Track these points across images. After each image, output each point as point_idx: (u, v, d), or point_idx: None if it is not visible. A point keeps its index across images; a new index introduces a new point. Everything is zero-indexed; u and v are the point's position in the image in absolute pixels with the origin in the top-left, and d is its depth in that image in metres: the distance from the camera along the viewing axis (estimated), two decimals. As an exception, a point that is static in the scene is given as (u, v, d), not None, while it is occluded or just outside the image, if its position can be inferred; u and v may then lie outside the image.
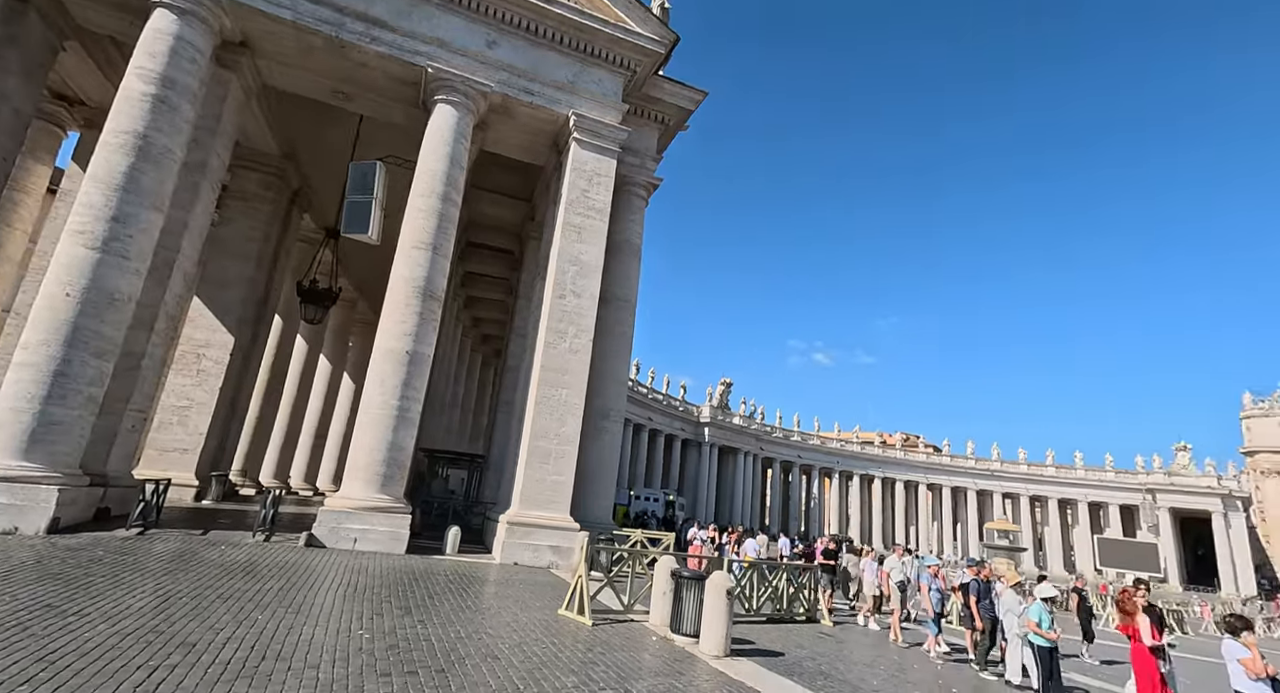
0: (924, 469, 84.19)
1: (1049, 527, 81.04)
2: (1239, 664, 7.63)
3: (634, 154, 20.60)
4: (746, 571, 14.27)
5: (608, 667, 7.63)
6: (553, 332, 16.99)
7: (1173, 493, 74.43)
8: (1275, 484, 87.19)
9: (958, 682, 11.06)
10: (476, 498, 24.36)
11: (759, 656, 9.82)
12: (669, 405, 67.57)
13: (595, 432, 18.85)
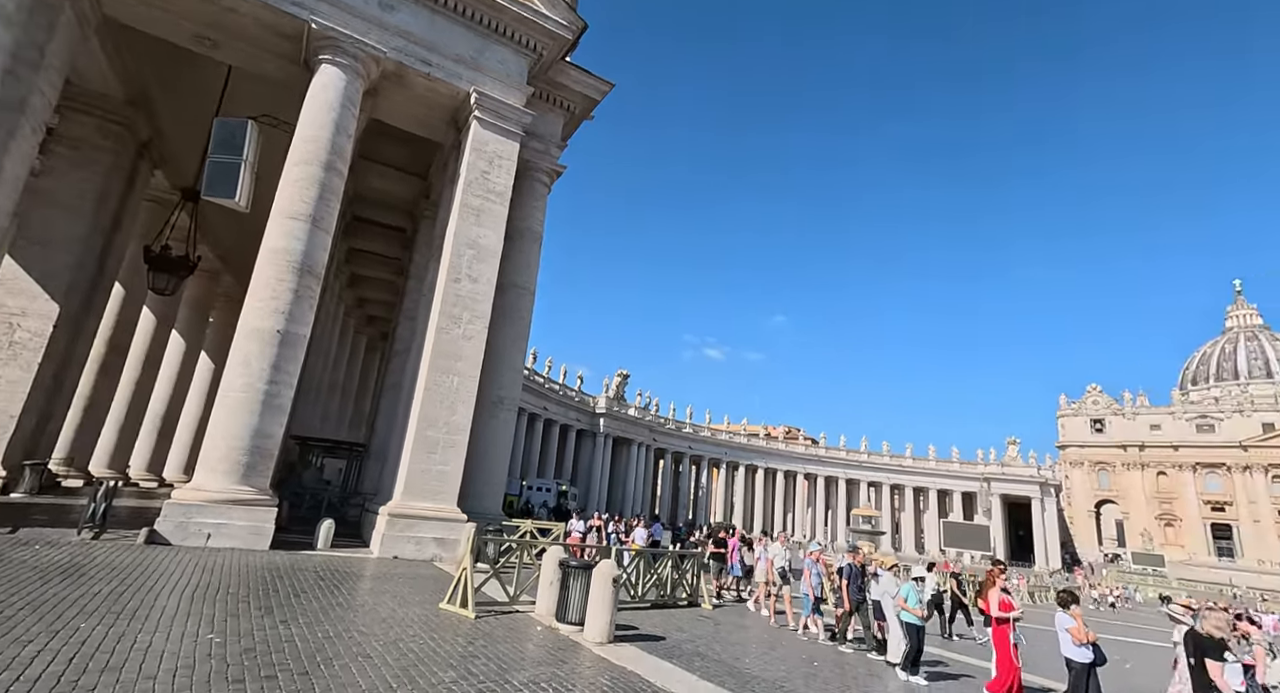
0: (803, 460, 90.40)
1: (904, 512, 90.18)
2: (1067, 633, 9.00)
3: (538, 139, 20.19)
4: (634, 558, 14.60)
5: (489, 659, 7.52)
6: (446, 316, 16.31)
7: (1003, 481, 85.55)
8: (1080, 474, 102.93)
9: (821, 656, 12.04)
10: (355, 489, 22.92)
11: (641, 640, 10.12)
12: (565, 396, 67.29)
13: (488, 421, 18.39)
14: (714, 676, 8.72)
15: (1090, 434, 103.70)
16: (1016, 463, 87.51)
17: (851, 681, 10.28)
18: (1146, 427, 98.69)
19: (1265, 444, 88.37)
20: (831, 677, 10.32)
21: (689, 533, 25.33)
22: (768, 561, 15.93)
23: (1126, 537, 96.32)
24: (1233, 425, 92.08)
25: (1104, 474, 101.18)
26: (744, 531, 66.98)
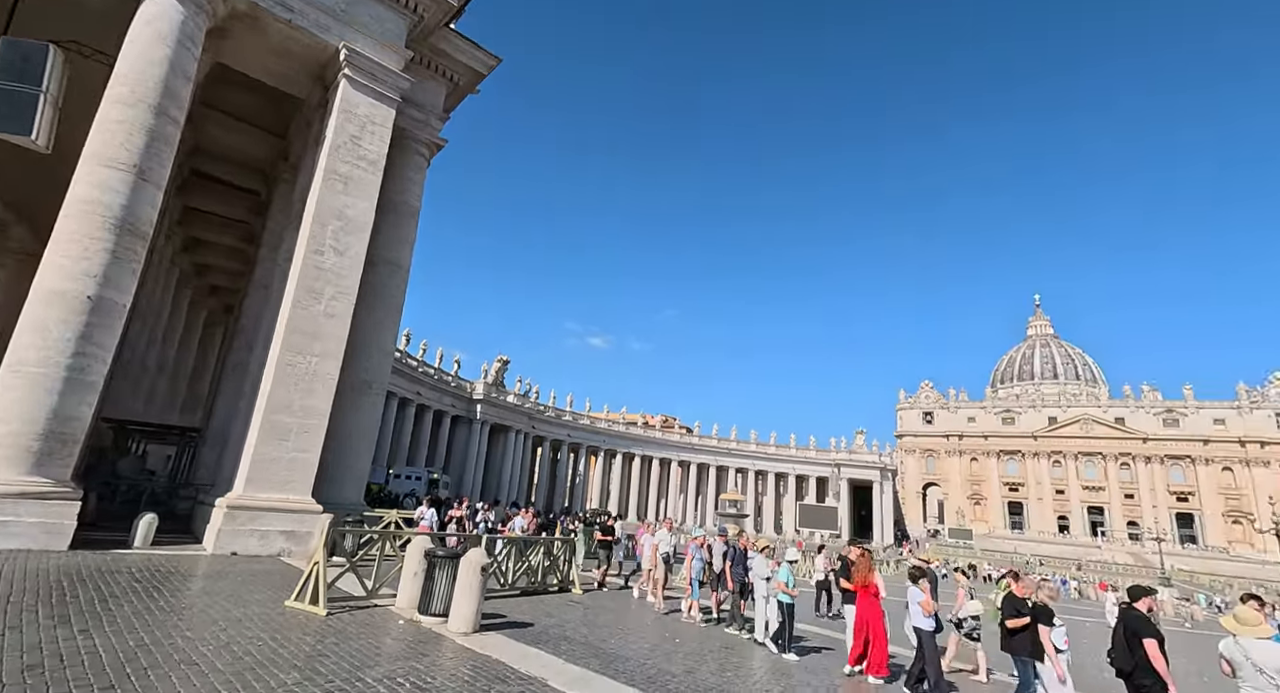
0: (678, 448, 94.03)
1: (766, 496, 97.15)
2: (917, 605, 10.17)
3: (417, 108, 18.98)
4: (505, 546, 14.41)
5: (341, 657, 7.08)
6: (305, 290, 14.89)
7: (851, 467, 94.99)
8: (912, 460, 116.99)
9: (689, 635, 12.66)
10: (186, 479, 20.34)
11: (508, 628, 10.04)
12: (440, 380, 64.32)
13: (352, 405, 17.13)
14: (579, 658, 8.89)
15: (922, 425, 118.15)
16: (862, 451, 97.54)
17: (709, 654, 10.95)
18: (965, 419, 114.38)
19: (1050, 434, 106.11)
20: (691, 652, 10.92)
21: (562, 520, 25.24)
22: (652, 547, 16.01)
23: (946, 514, 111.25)
24: (1028, 419, 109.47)
25: (931, 460, 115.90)
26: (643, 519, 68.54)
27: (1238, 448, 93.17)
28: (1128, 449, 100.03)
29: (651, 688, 7.83)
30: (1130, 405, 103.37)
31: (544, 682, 7.27)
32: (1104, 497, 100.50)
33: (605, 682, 7.73)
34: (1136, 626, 7.56)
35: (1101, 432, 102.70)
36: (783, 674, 10.08)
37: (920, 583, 10.23)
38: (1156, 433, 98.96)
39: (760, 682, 9.35)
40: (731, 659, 10.63)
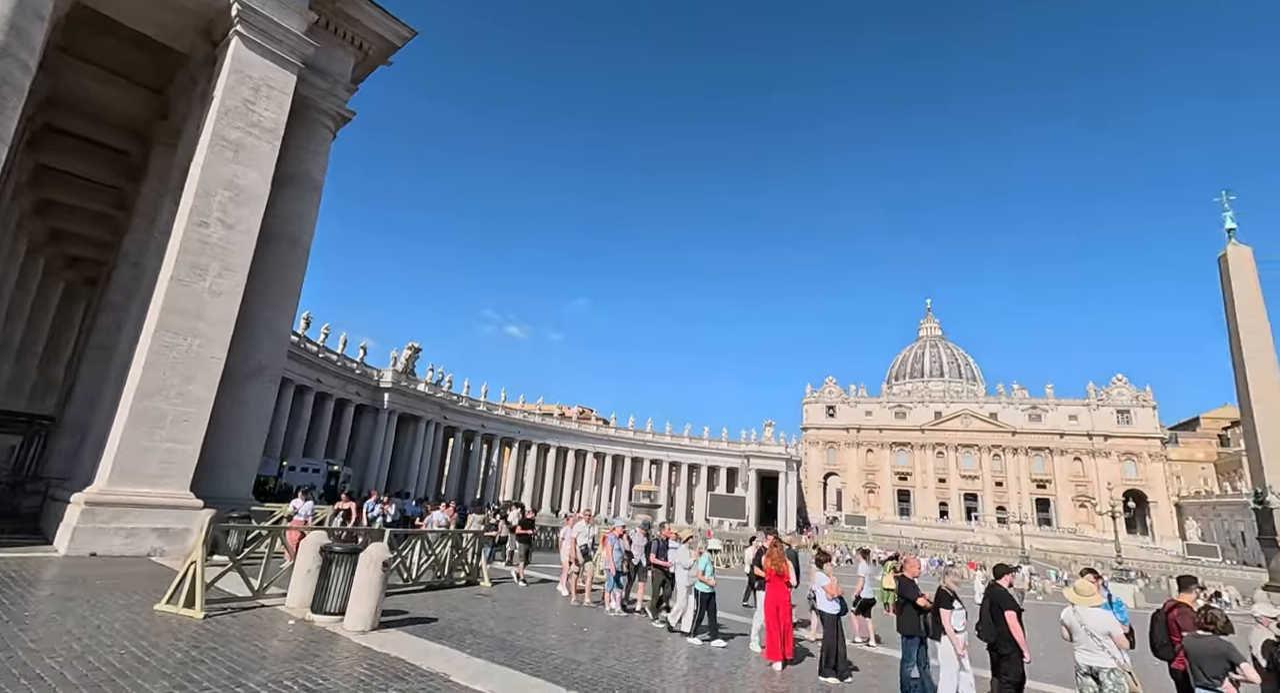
0: (594, 440, 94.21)
1: (679, 486, 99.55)
2: (823, 589, 10.72)
3: (322, 76, 17.70)
4: (408, 540, 13.90)
5: (219, 662, 6.59)
6: (188, 266, 13.55)
7: (760, 458, 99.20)
8: (815, 451, 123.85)
9: (602, 625, 12.73)
10: (34, 472, 18.03)
11: (410, 624, 9.73)
12: (344, 367, 60.66)
13: (240, 392, 15.83)
14: (484, 651, 8.77)
15: (825, 419, 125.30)
16: (771, 443, 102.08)
17: (619, 643, 11.12)
18: (863, 413, 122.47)
19: (935, 428, 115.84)
20: (600, 641, 11.06)
21: (496, 511, 24.01)
22: (571, 539, 15.77)
23: (844, 502, 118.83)
24: (917, 414, 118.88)
25: (832, 451, 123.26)
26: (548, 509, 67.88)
27: (1086, 441, 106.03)
28: (999, 442, 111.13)
29: (557, 678, 7.87)
30: (1003, 402, 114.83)
31: (446, 677, 7.13)
32: (978, 485, 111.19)
33: (509, 674, 7.69)
34: (999, 599, 8.47)
35: (979, 426, 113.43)
36: (691, 660, 10.41)
37: (825, 568, 10.90)
38: (1023, 427, 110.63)
39: (666, 667, 9.64)
40: (639, 647, 10.86)
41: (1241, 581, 53.02)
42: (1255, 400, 37.91)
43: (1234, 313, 39.19)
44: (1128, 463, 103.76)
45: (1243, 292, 38.95)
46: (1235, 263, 39.54)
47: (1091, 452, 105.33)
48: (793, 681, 9.69)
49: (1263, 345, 38.18)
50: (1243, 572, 61.82)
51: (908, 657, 9.19)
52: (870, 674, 10.79)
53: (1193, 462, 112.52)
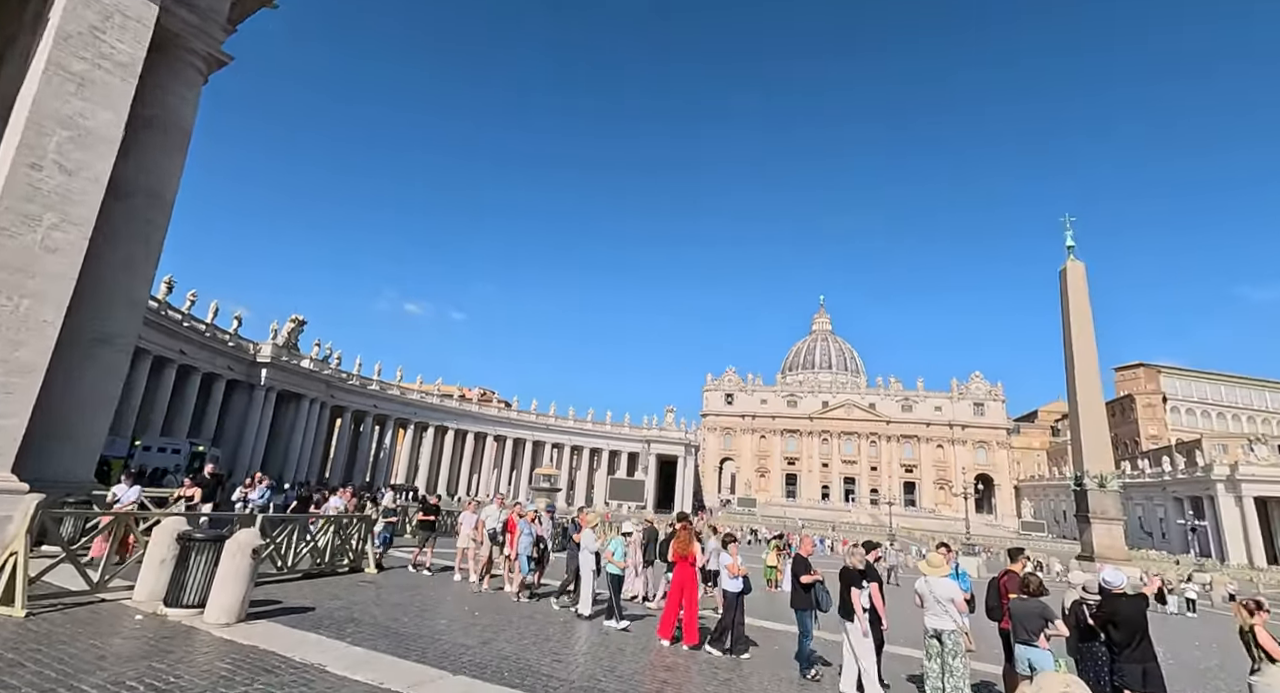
0: (495, 422, 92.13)
1: (580, 470, 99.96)
2: (726, 569, 11.15)
3: (191, 9, 15.70)
4: (282, 526, 12.97)
5: (45, 664, 5.85)
6: (16, 215, 11.58)
7: (660, 443, 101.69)
8: (713, 437, 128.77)
9: (500, 610, 12.55)
10: None
11: (283, 615, 9.12)
12: (214, 338, 54.88)
13: (83, 362, 13.92)
14: (366, 639, 8.42)
15: (724, 406, 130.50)
16: (671, 428, 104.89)
17: (509, 625, 11.06)
18: (759, 401, 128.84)
19: (822, 416, 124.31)
20: (491, 624, 10.94)
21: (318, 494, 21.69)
22: (479, 522, 15.28)
23: (737, 486, 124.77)
24: (807, 403, 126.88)
25: (729, 437, 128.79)
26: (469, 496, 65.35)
27: (947, 430, 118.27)
28: (876, 430, 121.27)
29: (444, 663, 7.72)
30: (881, 394, 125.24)
31: (321, 668, 6.78)
32: (857, 469, 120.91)
33: (393, 661, 7.44)
34: (852, 577, 9.32)
35: (860, 415, 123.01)
36: (586, 640, 10.57)
37: (730, 548, 11.41)
38: (897, 417, 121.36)
39: (560, 648, 9.72)
40: (533, 629, 10.87)
41: (1062, 552, 61.72)
42: (1080, 397, 44.04)
43: (1068, 320, 45.12)
44: (980, 450, 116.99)
45: (1076, 302, 44.90)
46: (1072, 276, 45.44)
47: (951, 440, 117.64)
48: (682, 656, 10.12)
49: (1088, 349, 44.31)
50: (1064, 544, 72.04)
51: (805, 631, 9.74)
52: (775, 648, 11.46)
53: (1030, 449, 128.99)
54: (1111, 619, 7.66)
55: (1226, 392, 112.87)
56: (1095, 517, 41.28)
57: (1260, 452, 74.29)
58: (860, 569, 9.36)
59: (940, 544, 11.76)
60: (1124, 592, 7.90)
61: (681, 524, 12.13)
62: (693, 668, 9.42)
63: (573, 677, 7.96)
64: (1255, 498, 71.15)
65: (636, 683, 8.11)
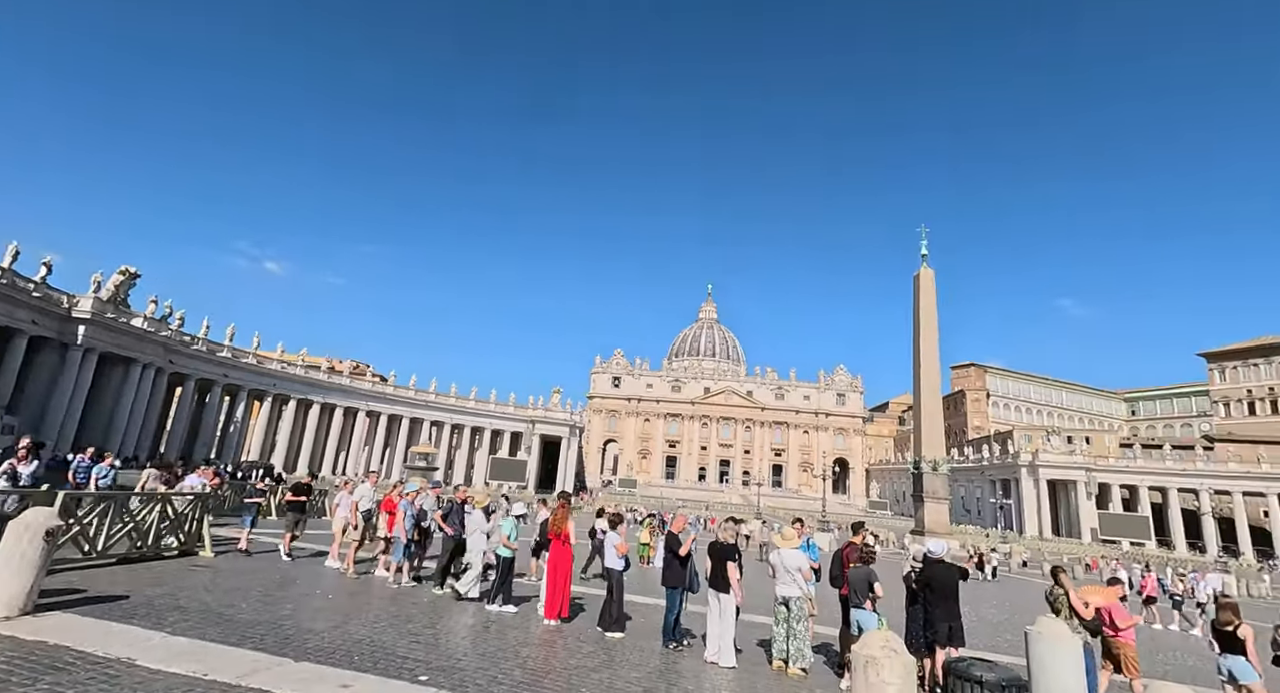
0: (369, 397, 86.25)
1: (460, 449, 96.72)
2: (613, 548, 11.04)
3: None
4: (94, 504, 11.27)
5: None
6: None
7: (545, 423, 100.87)
8: (599, 418, 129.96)
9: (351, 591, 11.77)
10: None
11: (86, 605, 7.96)
12: (12, 287, 46.06)
13: None
14: (193, 628, 7.57)
15: (610, 388, 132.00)
16: (557, 409, 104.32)
17: (365, 607, 10.45)
18: (645, 385, 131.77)
19: (703, 401, 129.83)
20: (346, 607, 10.29)
21: None
22: (351, 504, 14.10)
23: (619, 467, 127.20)
24: (690, 388, 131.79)
25: (614, 419, 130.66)
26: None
27: (813, 417, 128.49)
28: (752, 416, 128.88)
29: (285, 649, 7.13)
30: (758, 381, 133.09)
31: (130, 662, 5.98)
32: (732, 452, 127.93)
33: (222, 650, 6.75)
34: (722, 550, 9.86)
35: (738, 401, 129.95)
36: (455, 622, 10.21)
37: (619, 528, 11.52)
38: (770, 404, 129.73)
39: (419, 629, 9.32)
40: (392, 611, 10.36)
41: (900, 527, 69.62)
42: (922, 390, 49.64)
43: (918, 320, 50.55)
44: (839, 436, 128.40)
45: (925, 305, 50.38)
46: (924, 282, 50.86)
47: (816, 426, 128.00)
48: (555, 632, 10.12)
49: (931, 348, 50.02)
50: (902, 521, 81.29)
51: (672, 605, 10.11)
52: (642, 621, 11.72)
53: (881, 436, 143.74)
54: (929, 583, 8.73)
55: (1035, 390, 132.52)
56: (928, 496, 46.93)
57: (1055, 442, 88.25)
58: (731, 543, 9.92)
59: (795, 520, 12.73)
60: (942, 560, 9.03)
61: (561, 502, 12.11)
62: (559, 643, 9.49)
63: (431, 657, 7.69)
64: (1048, 480, 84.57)
65: (496, 660, 8.01)
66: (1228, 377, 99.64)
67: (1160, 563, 49.92)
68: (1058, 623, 7.14)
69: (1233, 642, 8.03)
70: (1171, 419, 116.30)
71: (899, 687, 5.19)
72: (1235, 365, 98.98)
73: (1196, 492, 78.81)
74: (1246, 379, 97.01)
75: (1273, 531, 75.34)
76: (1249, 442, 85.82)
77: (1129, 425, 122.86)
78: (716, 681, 8.34)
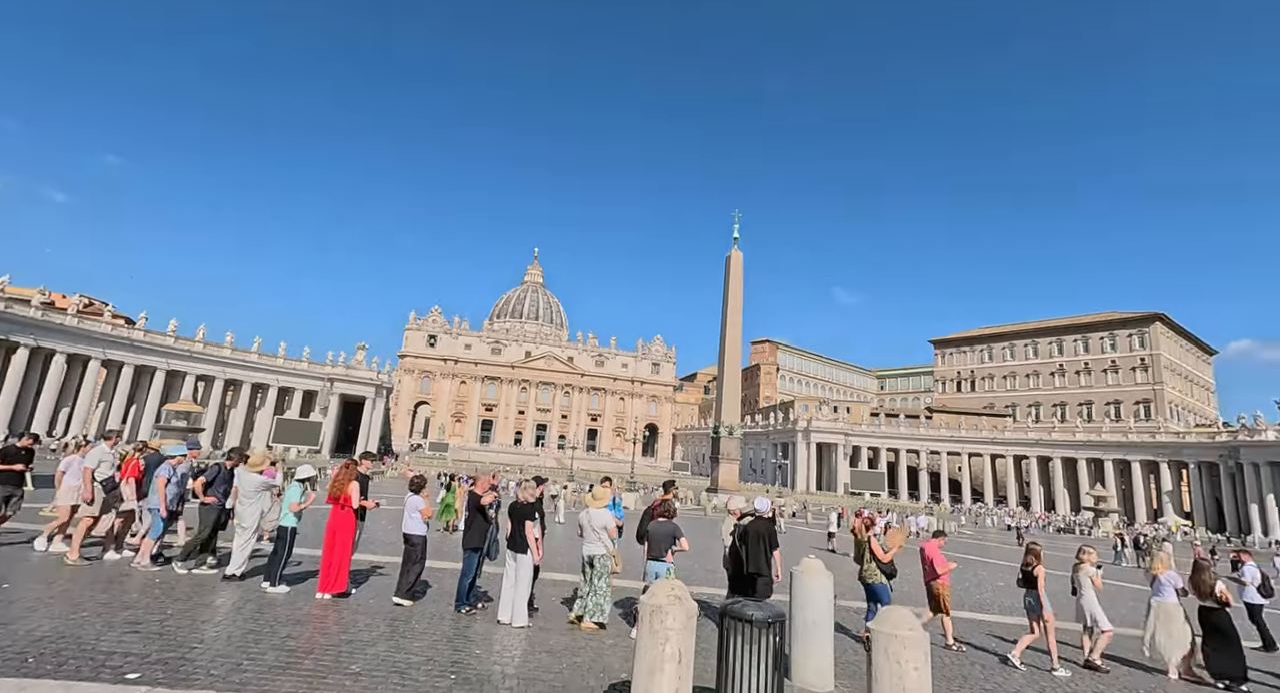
0: (104, 343, 69.85)
1: (236, 408, 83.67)
2: (417, 513, 10.07)
3: None
4: None
5: None
6: None
7: (346, 382, 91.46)
8: (410, 379, 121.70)
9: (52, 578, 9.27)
10: None
11: None
12: None
13: None
14: None
15: (425, 347, 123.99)
16: (361, 367, 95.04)
17: (63, 595, 8.33)
18: (464, 346, 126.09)
19: (524, 365, 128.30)
20: (32, 597, 8.07)
21: None
22: (85, 471, 11.15)
23: (431, 430, 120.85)
24: (511, 351, 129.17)
25: (427, 380, 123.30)
26: None
27: (629, 385, 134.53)
28: (572, 381, 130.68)
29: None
30: (579, 348, 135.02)
31: None
32: (550, 417, 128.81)
33: None
34: (522, 510, 9.61)
35: (559, 367, 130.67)
36: (198, 604, 8.52)
37: (423, 492, 10.46)
38: (590, 370, 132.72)
39: (142, 615, 7.64)
40: (105, 597, 8.39)
41: (698, 485, 76.56)
42: (726, 362, 54.41)
43: (726, 298, 54.99)
44: (652, 403, 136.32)
45: (734, 284, 54.92)
46: (734, 263, 55.28)
47: (631, 393, 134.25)
48: (339, 608, 9.00)
49: (736, 324, 54.92)
50: (700, 480, 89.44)
51: (469, 569, 9.52)
52: (435, 588, 10.96)
53: (688, 403, 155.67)
54: (744, 537, 9.44)
55: (813, 366, 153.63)
56: (723, 458, 51.97)
57: (824, 411, 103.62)
58: (531, 503, 9.65)
59: (604, 478, 12.96)
60: (761, 514, 9.79)
61: (344, 462, 10.85)
62: (331, 619, 8.48)
63: (151, 649, 6.30)
64: (818, 443, 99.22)
65: (244, 645, 6.85)
66: (947, 360, 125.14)
67: (889, 508, 61.70)
68: (815, 562, 8.11)
69: (1031, 580, 9.64)
70: (907, 394, 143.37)
71: (679, 632, 5.38)
72: (953, 351, 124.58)
73: (918, 452, 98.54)
74: (959, 363, 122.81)
75: (962, 482, 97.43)
76: (956, 413, 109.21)
77: (878, 398, 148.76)
78: (506, 640, 8.12)
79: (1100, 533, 61.56)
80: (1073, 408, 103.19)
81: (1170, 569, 10.23)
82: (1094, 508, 69.88)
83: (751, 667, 5.31)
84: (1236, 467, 68.95)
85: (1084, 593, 9.98)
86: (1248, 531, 65.61)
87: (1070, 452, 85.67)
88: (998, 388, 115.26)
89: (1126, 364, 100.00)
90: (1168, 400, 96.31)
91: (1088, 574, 10.02)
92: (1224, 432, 76.57)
